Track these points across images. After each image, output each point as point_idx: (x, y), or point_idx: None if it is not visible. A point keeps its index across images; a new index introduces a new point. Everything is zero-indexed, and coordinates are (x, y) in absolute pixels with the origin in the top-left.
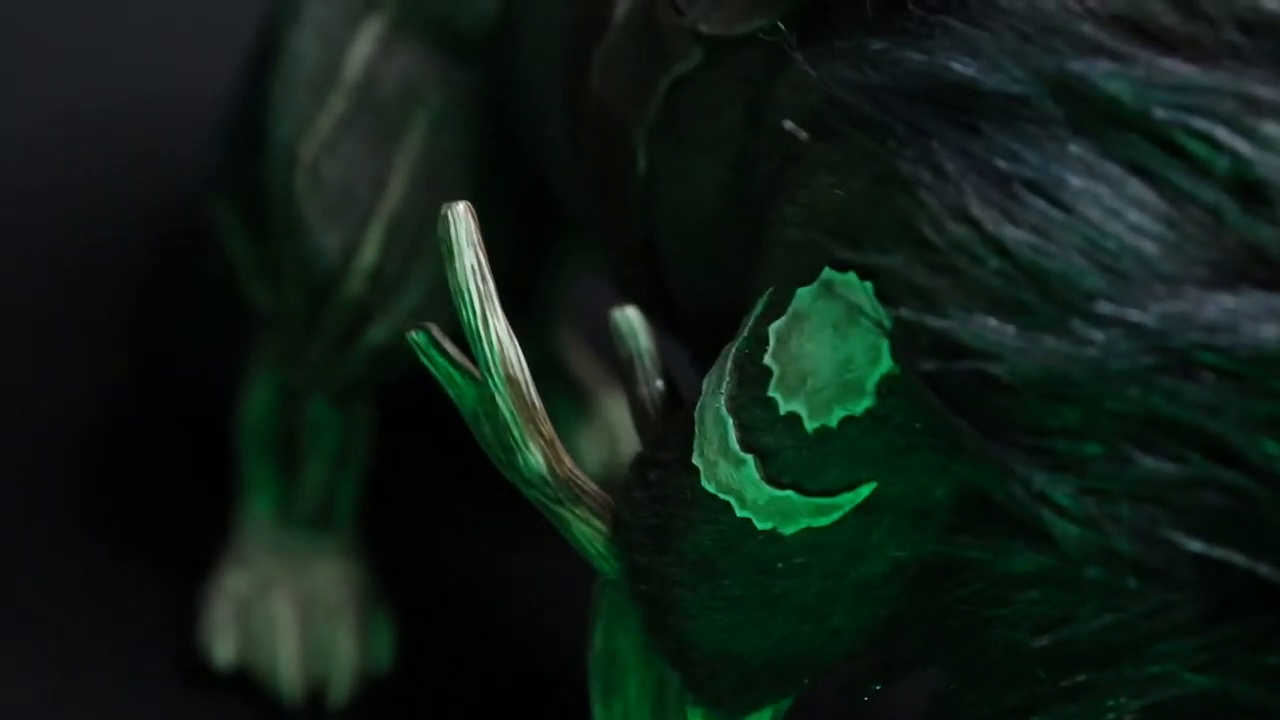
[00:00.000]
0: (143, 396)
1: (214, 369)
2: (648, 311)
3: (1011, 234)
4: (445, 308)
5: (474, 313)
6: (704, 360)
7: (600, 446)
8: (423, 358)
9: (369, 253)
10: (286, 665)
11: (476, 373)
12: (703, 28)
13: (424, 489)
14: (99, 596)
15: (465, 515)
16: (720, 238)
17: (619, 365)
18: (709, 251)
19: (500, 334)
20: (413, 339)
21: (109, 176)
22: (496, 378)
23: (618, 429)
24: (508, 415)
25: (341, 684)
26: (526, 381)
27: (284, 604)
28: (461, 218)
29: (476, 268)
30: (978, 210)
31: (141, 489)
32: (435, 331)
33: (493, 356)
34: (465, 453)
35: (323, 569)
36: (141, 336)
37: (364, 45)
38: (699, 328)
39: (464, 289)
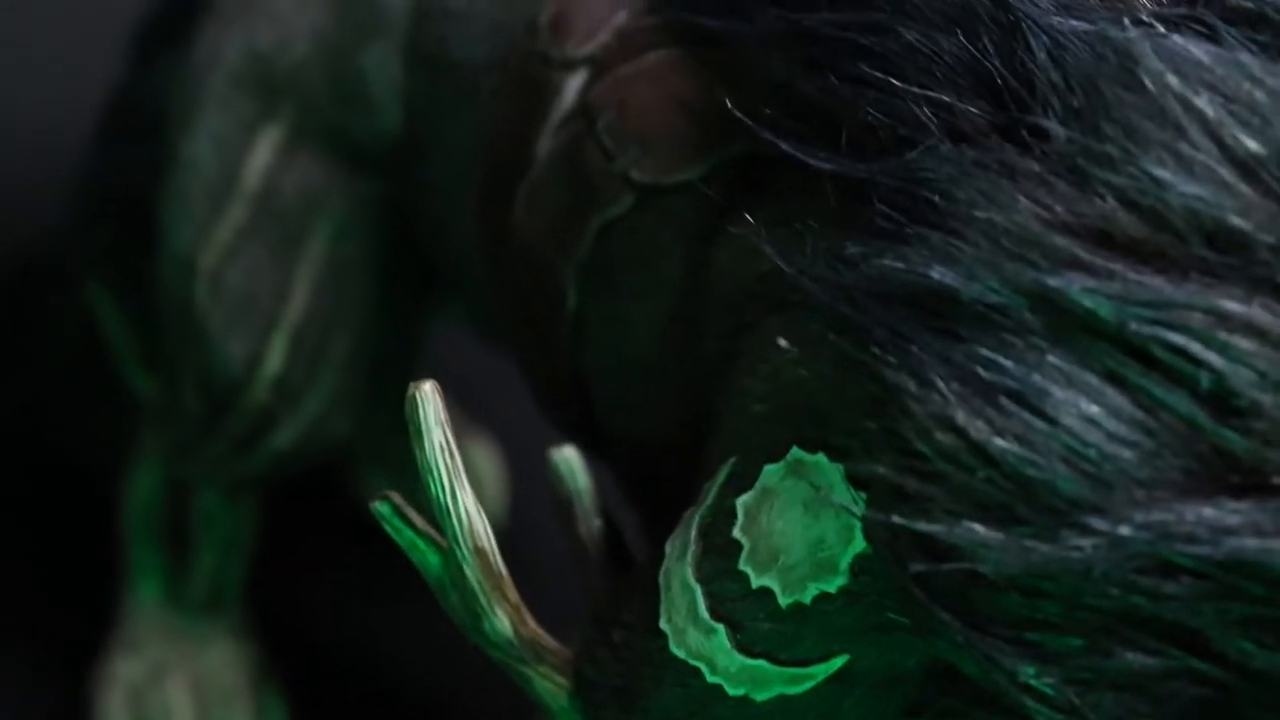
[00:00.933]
0: None
1: (75, 437)
2: (570, 433)
3: (998, 444)
4: (347, 412)
5: (443, 488)
6: (632, 487)
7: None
8: (387, 527)
9: (273, 361)
10: None
11: (442, 542)
12: (633, 174)
13: (306, 563)
14: None
15: (349, 588)
16: (658, 380)
17: (556, 505)
18: (644, 391)
19: (469, 507)
20: (377, 509)
21: None
22: (465, 549)
23: (484, 479)
24: (475, 584)
25: None
26: (493, 551)
27: (179, 690)
28: (429, 398)
29: (445, 446)
30: (964, 420)
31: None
32: (398, 500)
33: (461, 529)
34: (347, 524)
35: (214, 652)
36: None
37: (262, 154)
38: (628, 457)
39: (433, 466)
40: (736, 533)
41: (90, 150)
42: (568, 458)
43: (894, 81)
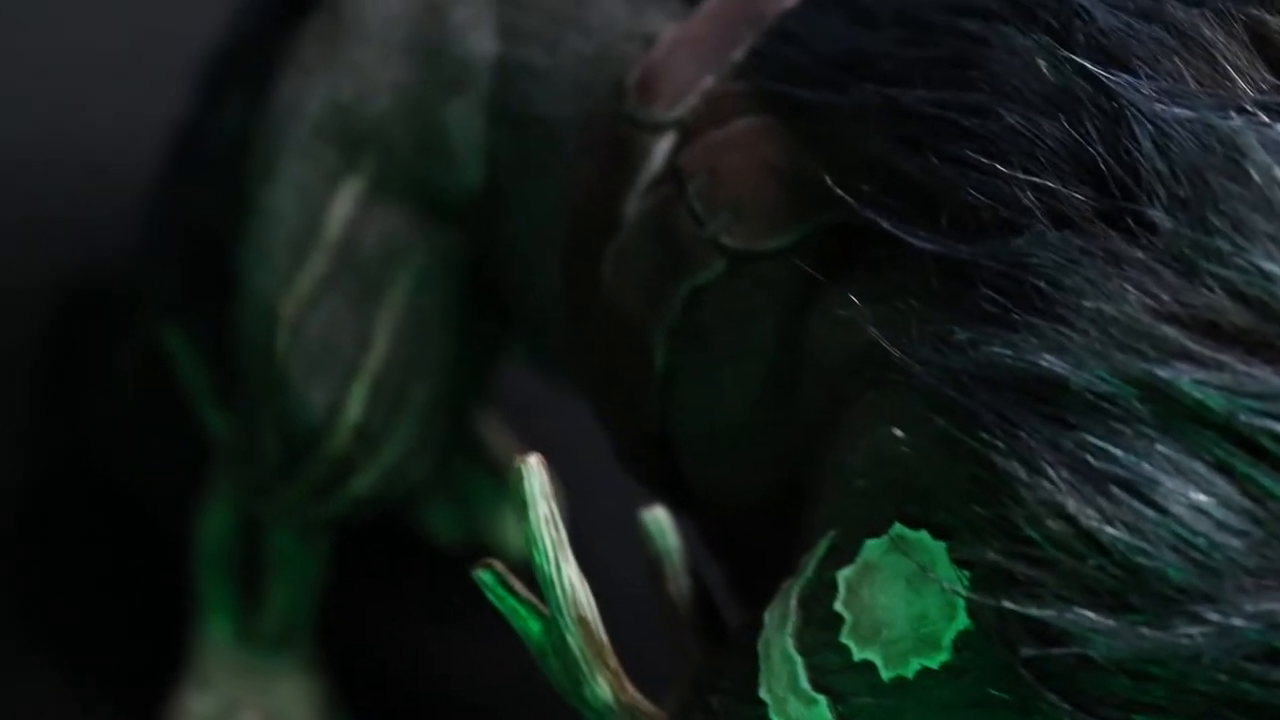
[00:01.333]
0: (56, 497)
1: (147, 474)
2: (651, 488)
3: (1109, 532)
4: (425, 458)
5: (548, 559)
6: (716, 543)
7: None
8: (490, 594)
9: (354, 409)
10: None
11: (544, 609)
12: (725, 240)
13: (372, 595)
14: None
15: (415, 620)
16: (747, 442)
17: (647, 565)
18: (733, 452)
19: (572, 578)
20: (480, 577)
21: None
22: (568, 618)
23: None
24: (577, 652)
25: None
26: (595, 620)
27: None
28: (535, 472)
29: (550, 518)
30: (1075, 508)
31: (73, 600)
32: (500, 568)
33: (565, 599)
34: (410, 555)
35: (286, 687)
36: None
37: (344, 205)
38: (713, 514)
39: (538, 537)
40: (838, 606)
41: (157, 184)
42: (657, 517)
43: (997, 165)
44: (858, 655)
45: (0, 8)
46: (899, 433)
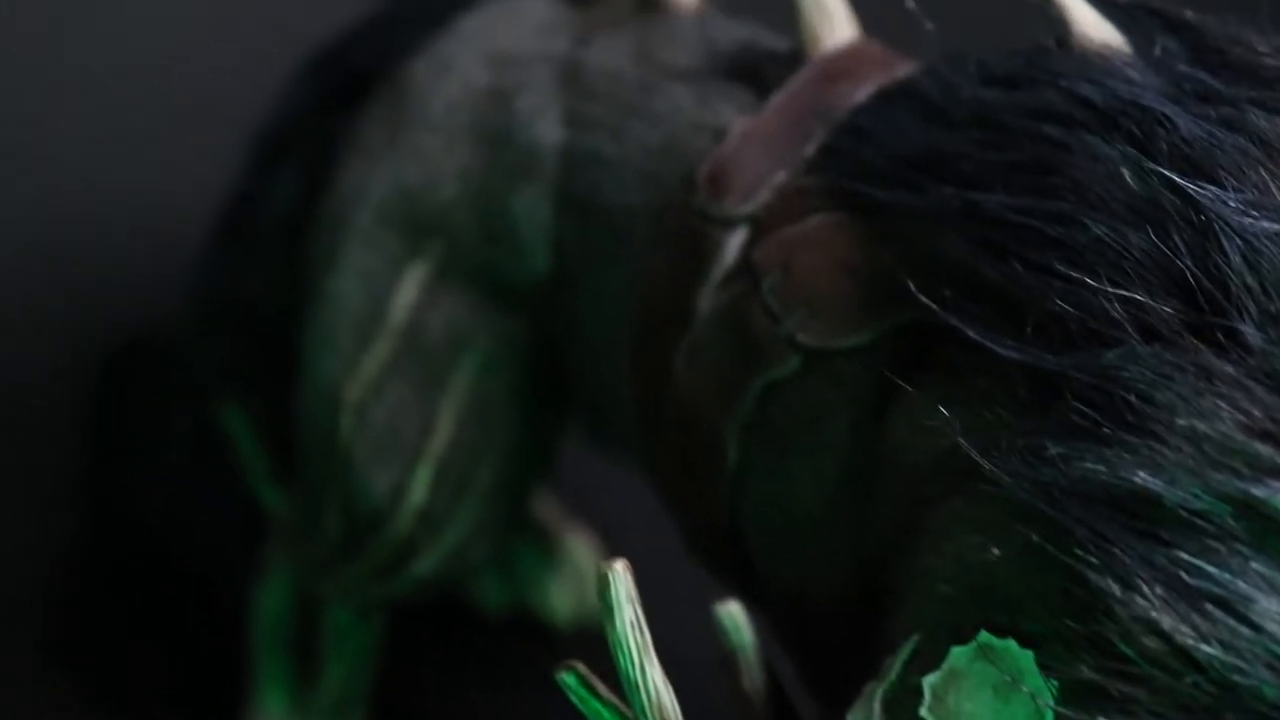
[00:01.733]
0: (104, 557)
1: (202, 548)
2: (725, 579)
3: (1204, 650)
4: (487, 540)
5: (633, 663)
6: (787, 634)
7: (569, 590)
8: (573, 696)
9: (418, 493)
10: None
11: (628, 713)
12: (800, 337)
13: (424, 665)
14: None
15: (466, 689)
16: (822, 537)
17: (722, 659)
18: (807, 546)
19: (657, 682)
20: (563, 680)
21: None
22: None
23: (584, 572)
24: None
25: None
26: None
27: None
28: (621, 578)
29: (635, 623)
30: (1170, 625)
31: (121, 664)
32: (584, 670)
33: (650, 703)
34: (465, 623)
35: None
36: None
37: (409, 291)
38: (785, 606)
39: (623, 642)
40: (924, 712)
41: (206, 252)
42: (732, 613)
43: (1084, 276)
44: None
45: (54, 69)
46: (986, 541)
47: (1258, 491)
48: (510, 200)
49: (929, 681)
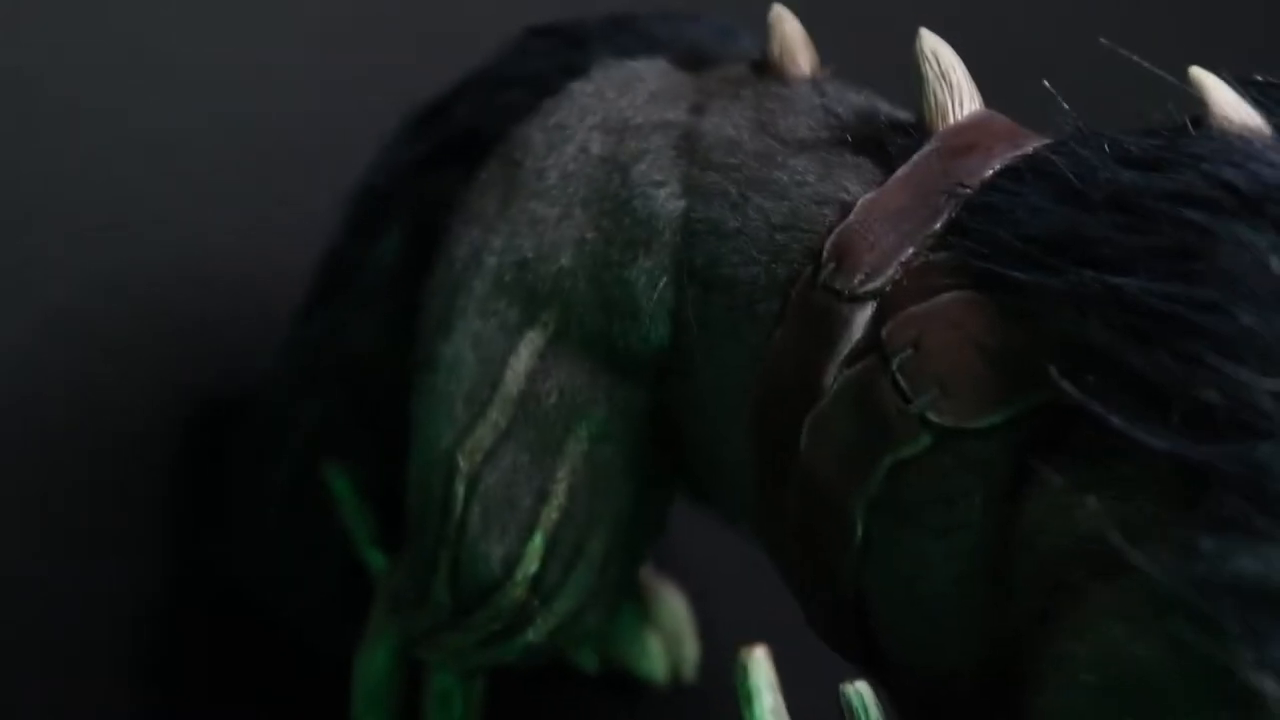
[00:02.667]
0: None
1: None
2: (847, 652)
3: None
4: (600, 608)
5: None
6: (910, 710)
7: (662, 647)
8: None
9: (531, 563)
10: None
11: None
12: (931, 416)
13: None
14: None
15: None
16: (951, 615)
17: None
18: (936, 627)
19: None
20: None
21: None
22: None
23: (680, 630)
24: None
25: None
26: None
27: None
28: (760, 664)
29: (775, 710)
30: None
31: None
32: None
33: None
34: (557, 680)
35: None
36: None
37: (524, 359)
38: (913, 687)
39: None
40: None
41: (304, 312)
42: (860, 691)
43: (1233, 366)
44: None
45: (152, 125)
46: (1132, 631)
47: None
48: (628, 270)
49: None
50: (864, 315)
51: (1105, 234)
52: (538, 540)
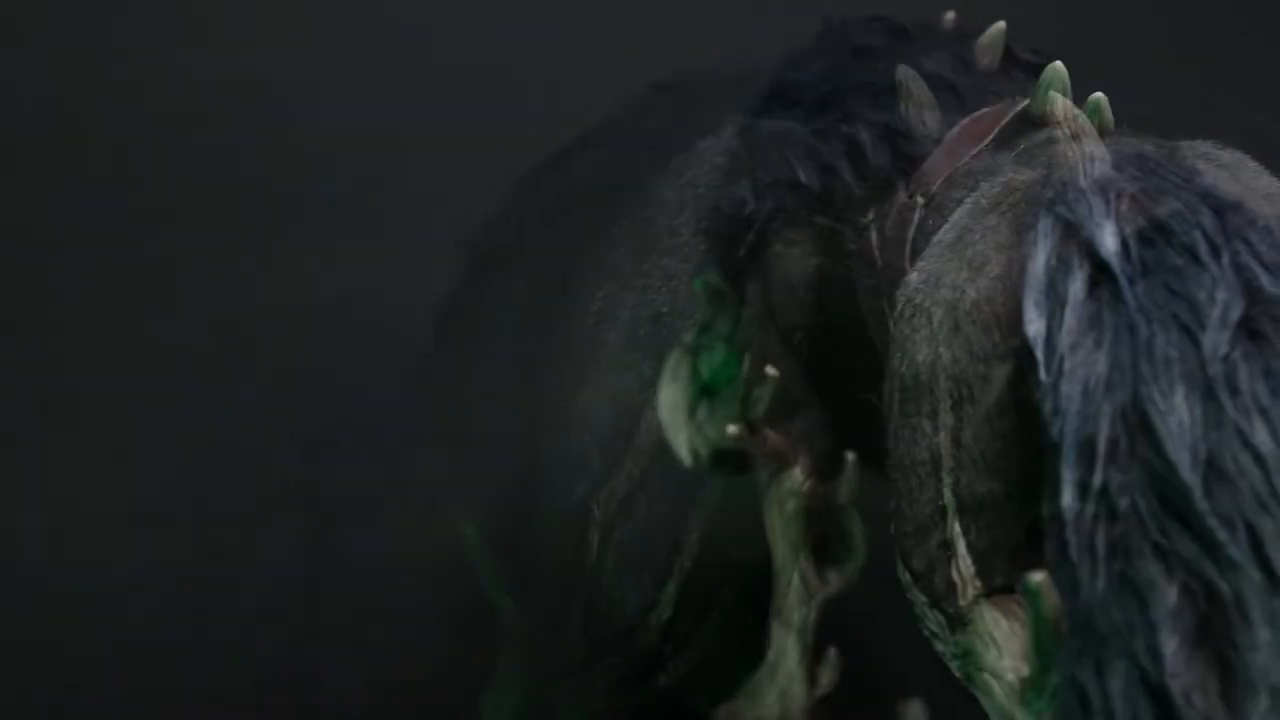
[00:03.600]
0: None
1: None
2: None
3: None
4: (730, 656)
5: None
6: None
7: (778, 690)
8: None
9: (665, 609)
10: None
11: None
12: None
13: None
14: None
15: None
16: None
17: None
18: None
19: None
20: None
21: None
22: None
23: (792, 674)
24: None
25: None
26: None
27: None
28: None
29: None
30: None
31: None
32: None
33: None
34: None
35: None
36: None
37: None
38: None
39: None
40: None
41: (429, 351)
42: (914, 711)
43: None
44: None
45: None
46: None
47: None
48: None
49: None
50: None
51: None
52: (671, 588)
